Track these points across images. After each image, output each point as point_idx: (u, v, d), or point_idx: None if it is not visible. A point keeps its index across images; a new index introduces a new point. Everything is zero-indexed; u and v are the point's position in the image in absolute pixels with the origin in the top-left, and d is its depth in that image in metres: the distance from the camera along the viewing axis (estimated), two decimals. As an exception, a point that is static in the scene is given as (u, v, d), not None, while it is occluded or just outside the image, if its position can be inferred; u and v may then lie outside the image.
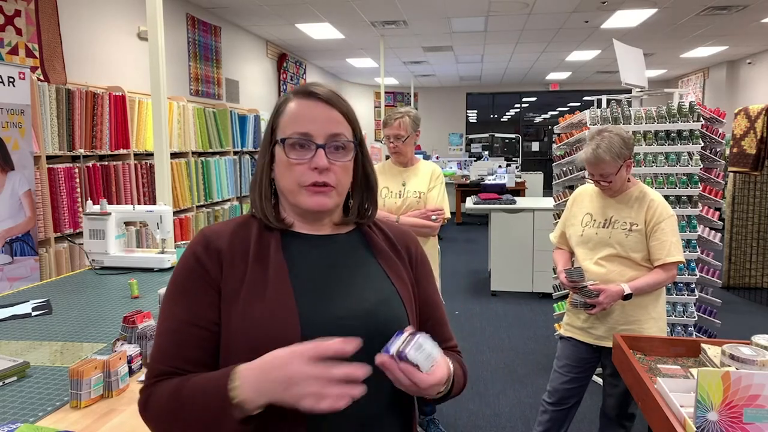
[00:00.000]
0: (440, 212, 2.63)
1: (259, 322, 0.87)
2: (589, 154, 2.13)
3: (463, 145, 14.38)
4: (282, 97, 1.01)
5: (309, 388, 0.77)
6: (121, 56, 4.78)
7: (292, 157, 0.94)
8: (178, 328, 0.91)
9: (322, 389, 0.76)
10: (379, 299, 0.97)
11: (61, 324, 1.72)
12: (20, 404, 1.19)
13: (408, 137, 2.66)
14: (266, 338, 0.85)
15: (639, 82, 3.75)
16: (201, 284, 0.92)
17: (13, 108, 3.04)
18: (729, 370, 1.12)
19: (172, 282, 0.95)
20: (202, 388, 0.83)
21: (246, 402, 0.79)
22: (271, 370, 0.79)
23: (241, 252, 0.95)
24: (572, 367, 2.34)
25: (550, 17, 6.94)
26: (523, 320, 4.77)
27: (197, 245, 0.95)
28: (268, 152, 0.99)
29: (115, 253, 2.45)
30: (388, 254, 1.05)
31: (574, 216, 2.36)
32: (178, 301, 0.92)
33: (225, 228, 0.99)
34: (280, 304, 0.89)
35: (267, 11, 6.49)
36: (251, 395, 0.79)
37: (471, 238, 8.75)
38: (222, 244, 0.95)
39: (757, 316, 4.94)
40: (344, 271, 0.98)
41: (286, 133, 0.95)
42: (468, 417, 3.11)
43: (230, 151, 5.94)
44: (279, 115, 0.98)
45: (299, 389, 0.77)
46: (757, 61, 9.68)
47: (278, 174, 0.98)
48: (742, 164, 5.23)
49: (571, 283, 2.19)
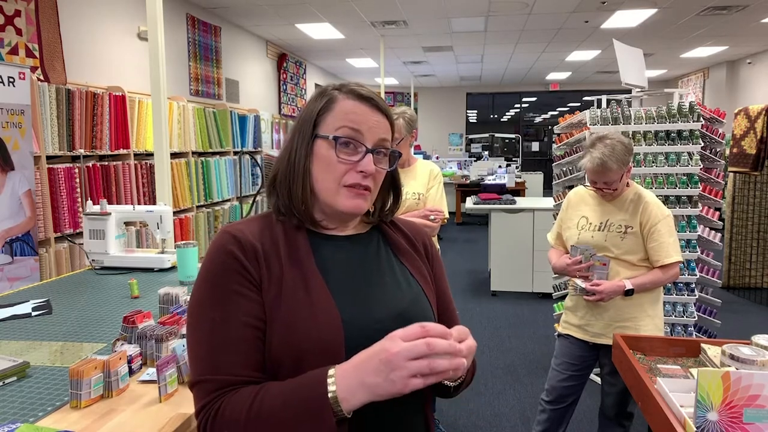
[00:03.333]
0: (439, 213, 2.60)
1: (303, 327, 0.85)
2: (596, 164, 2.10)
3: (463, 145, 14.39)
4: (324, 92, 0.97)
5: (415, 365, 0.73)
6: (121, 56, 4.78)
7: (341, 156, 0.92)
8: (235, 333, 0.84)
9: (431, 364, 0.73)
10: (410, 299, 0.96)
11: (61, 324, 1.72)
12: (20, 404, 1.19)
13: (402, 140, 2.61)
14: (310, 344, 0.84)
15: (639, 82, 3.75)
16: (246, 284, 0.87)
17: (13, 108, 3.04)
18: (729, 370, 1.12)
19: (207, 286, 0.88)
20: (293, 392, 0.78)
21: (344, 401, 0.75)
22: (368, 360, 0.76)
23: (273, 252, 0.91)
24: (570, 365, 2.35)
25: (550, 17, 6.94)
26: (523, 320, 4.77)
27: (230, 244, 0.89)
28: (307, 144, 0.95)
29: (115, 253, 2.45)
30: (409, 252, 1.04)
31: (570, 219, 2.36)
32: (226, 303, 0.85)
33: (250, 227, 0.94)
34: (323, 310, 0.86)
35: (267, 11, 6.49)
36: (351, 392, 0.75)
37: (471, 238, 8.75)
38: (255, 242, 0.90)
39: (757, 316, 4.94)
40: (374, 273, 0.97)
41: (337, 130, 0.93)
42: (468, 417, 3.11)
43: (230, 151, 5.94)
44: (325, 111, 0.95)
45: (404, 370, 0.73)
46: (757, 61, 9.68)
47: (317, 170, 0.94)
48: (742, 164, 5.23)
49: (576, 265, 2.22)
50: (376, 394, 0.75)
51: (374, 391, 0.75)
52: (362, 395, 0.75)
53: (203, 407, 0.83)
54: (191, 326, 0.88)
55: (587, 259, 2.22)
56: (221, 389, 0.82)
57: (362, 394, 0.75)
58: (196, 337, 0.87)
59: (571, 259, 2.26)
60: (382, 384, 0.74)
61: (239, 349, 0.84)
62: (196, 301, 0.88)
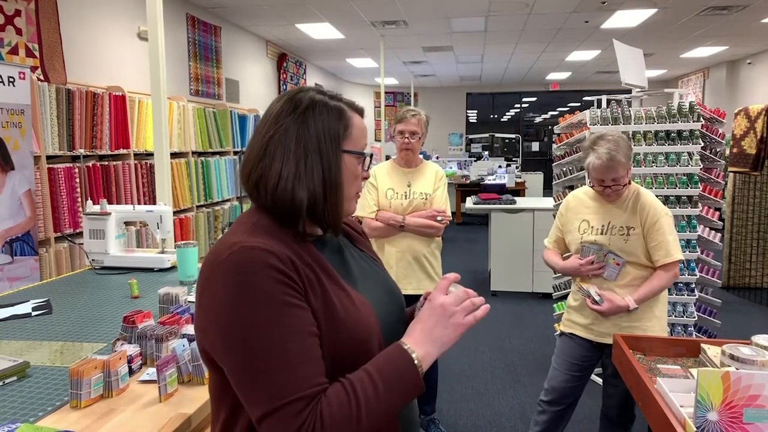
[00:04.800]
0: (443, 213, 2.64)
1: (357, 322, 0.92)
2: (605, 160, 2.05)
3: (463, 145, 14.39)
4: (339, 108, 0.99)
5: (462, 307, 0.93)
6: (121, 56, 4.78)
7: (365, 171, 1.03)
8: (305, 344, 0.84)
9: (473, 301, 0.94)
10: (385, 276, 1.11)
11: (61, 324, 1.72)
12: (20, 404, 1.19)
13: (420, 136, 2.66)
14: (365, 335, 0.93)
15: (639, 82, 3.75)
16: (296, 294, 0.86)
17: (13, 108, 3.04)
18: (729, 370, 1.12)
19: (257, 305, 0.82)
20: (383, 373, 0.86)
21: (424, 358, 0.89)
22: (428, 320, 0.92)
23: (299, 259, 0.90)
24: (572, 364, 2.32)
25: (550, 17, 6.94)
26: (523, 320, 4.77)
27: (268, 258, 0.85)
28: (337, 156, 0.96)
29: (115, 253, 2.45)
30: (363, 240, 1.16)
31: (570, 222, 2.31)
32: (285, 318, 0.83)
33: (265, 239, 0.89)
34: (362, 303, 0.95)
35: (267, 11, 6.49)
36: (426, 351, 0.89)
37: (471, 238, 8.74)
38: (288, 252, 0.88)
39: (757, 316, 4.94)
40: (358, 263, 1.07)
41: (362, 148, 1.01)
42: (468, 417, 3.11)
43: (230, 151, 5.94)
44: (349, 127, 0.99)
45: (458, 314, 0.92)
46: (757, 61, 9.68)
47: (345, 183, 0.98)
48: (742, 164, 5.23)
49: (588, 266, 2.18)
50: (443, 342, 0.91)
51: (442, 340, 0.91)
52: (434, 350, 0.90)
53: (299, 429, 0.79)
54: (248, 350, 0.82)
55: (599, 258, 2.18)
56: (310, 405, 0.80)
57: (434, 348, 0.90)
58: (261, 361, 0.81)
59: (583, 259, 2.20)
60: (447, 332, 0.91)
61: (314, 359, 0.85)
62: (244, 327, 0.82)
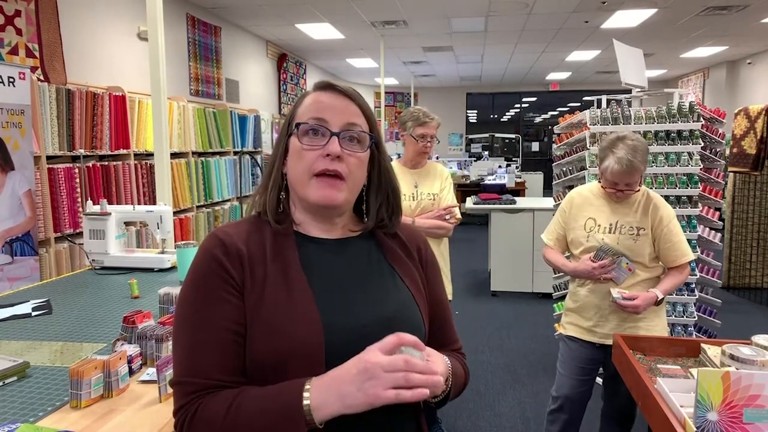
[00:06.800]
0: (453, 212, 2.61)
1: (282, 329, 0.85)
2: (624, 164, 2.05)
3: (463, 145, 14.38)
4: (303, 94, 1.01)
5: (390, 377, 0.74)
6: (121, 56, 4.78)
7: (305, 143, 0.93)
8: (214, 336, 0.85)
9: (407, 376, 0.75)
10: (398, 305, 0.95)
11: (61, 324, 1.72)
12: (20, 404, 1.19)
13: (432, 139, 2.66)
14: (289, 346, 0.84)
15: (639, 82, 3.75)
16: (227, 288, 0.87)
17: (13, 108, 3.04)
18: (729, 370, 1.12)
19: (191, 288, 0.89)
20: (269, 400, 0.79)
21: (317, 410, 0.77)
22: (346, 370, 0.78)
23: (259, 255, 0.91)
24: (581, 369, 2.30)
25: (550, 17, 6.94)
26: (523, 320, 4.77)
27: (215, 248, 0.90)
28: (283, 144, 0.98)
29: (115, 253, 2.45)
30: (400, 257, 1.02)
31: (575, 220, 2.28)
32: (207, 307, 0.86)
33: (238, 229, 0.94)
34: (303, 313, 0.86)
35: (267, 11, 6.49)
36: (324, 402, 0.77)
37: (471, 238, 8.74)
38: (241, 246, 0.90)
39: (757, 316, 4.94)
40: (361, 277, 0.96)
41: (302, 119, 0.95)
42: (468, 417, 3.11)
43: (230, 151, 5.94)
44: (297, 107, 0.98)
45: (380, 381, 0.74)
46: (757, 61, 9.68)
47: (290, 165, 0.96)
48: (742, 164, 5.23)
49: (601, 268, 2.14)
50: (347, 404, 0.76)
51: (347, 400, 0.76)
52: (335, 404, 0.76)
53: (181, 408, 0.84)
54: (175, 327, 0.89)
55: (613, 262, 2.16)
56: (199, 391, 0.83)
57: (335, 403, 0.76)
58: (178, 338, 0.88)
59: (596, 262, 2.17)
60: (357, 395, 0.75)
61: (217, 353, 0.85)
62: (180, 303, 0.90)
